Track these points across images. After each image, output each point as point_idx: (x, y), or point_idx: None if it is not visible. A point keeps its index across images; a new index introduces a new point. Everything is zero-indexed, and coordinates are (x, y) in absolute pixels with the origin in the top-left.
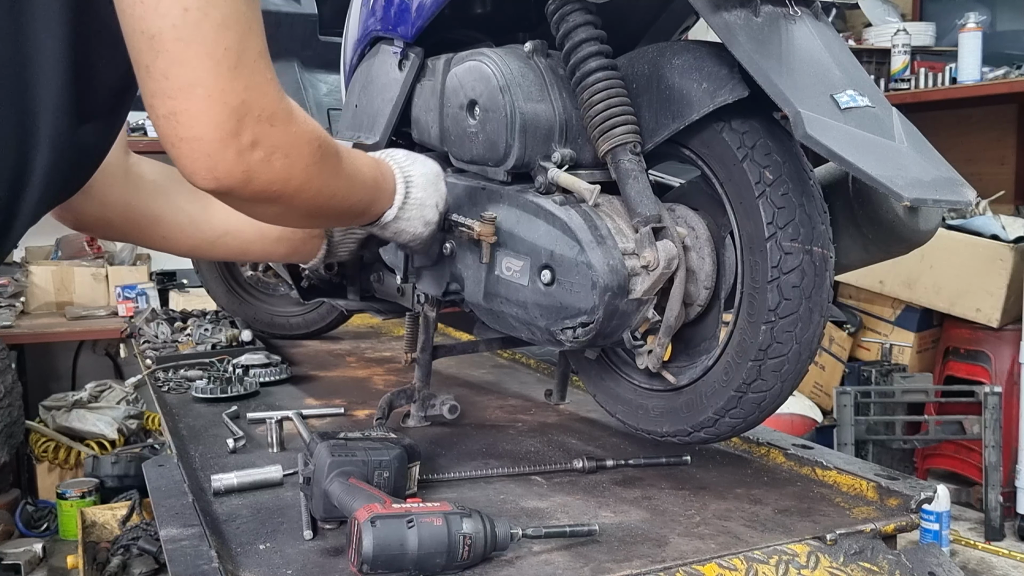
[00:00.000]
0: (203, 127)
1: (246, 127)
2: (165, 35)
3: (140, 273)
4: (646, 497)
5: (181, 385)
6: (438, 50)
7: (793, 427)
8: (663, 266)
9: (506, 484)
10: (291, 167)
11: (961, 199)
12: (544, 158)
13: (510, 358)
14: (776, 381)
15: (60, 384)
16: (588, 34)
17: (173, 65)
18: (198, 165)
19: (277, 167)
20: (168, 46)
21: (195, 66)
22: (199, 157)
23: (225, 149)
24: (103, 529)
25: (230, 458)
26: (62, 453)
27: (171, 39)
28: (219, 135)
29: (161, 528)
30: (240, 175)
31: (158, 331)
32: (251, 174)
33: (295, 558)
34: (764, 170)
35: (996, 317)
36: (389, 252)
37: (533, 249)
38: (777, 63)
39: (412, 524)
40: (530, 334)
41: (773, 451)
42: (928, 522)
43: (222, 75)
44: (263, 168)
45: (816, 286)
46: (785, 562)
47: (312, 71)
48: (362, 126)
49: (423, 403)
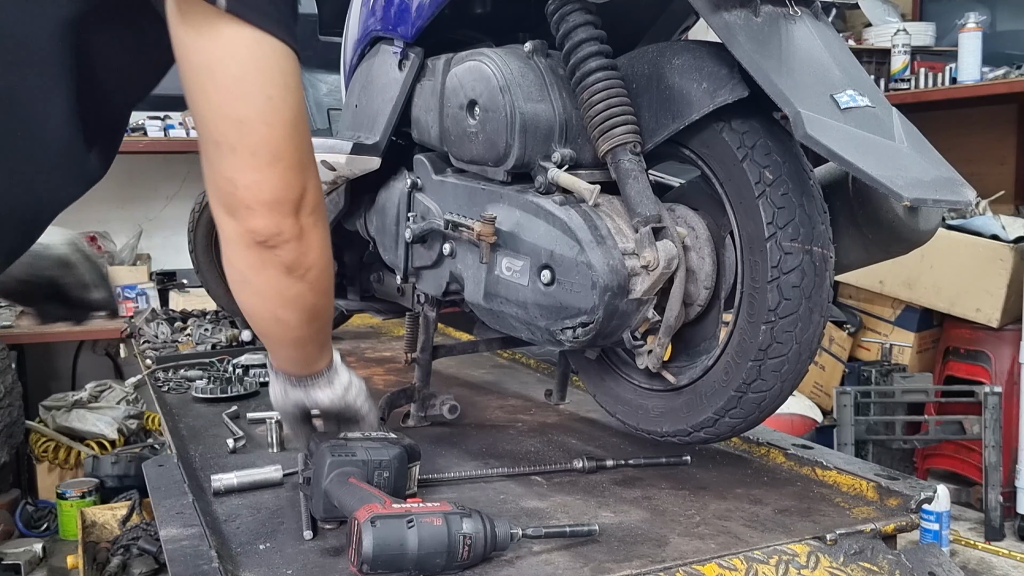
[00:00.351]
0: (281, 192)
1: (307, 199)
2: (253, 120)
3: (140, 273)
4: (646, 497)
5: (181, 385)
6: (438, 50)
7: (793, 427)
8: (663, 266)
9: (506, 484)
10: (322, 246)
11: (961, 199)
12: (544, 158)
13: (510, 358)
14: (776, 381)
15: (60, 384)
16: (588, 34)
17: (262, 144)
18: (266, 221)
19: (321, 235)
20: (257, 128)
21: (279, 145)
22: (268, 215)
23: (293, 208)
24: (103, 529)
25: (230, 458)
26: (62, 453)
27: (259, 123)
28: (292, 196)
29: (161, 528)
30: (297, 231)
31: (158, 331)
32: (304, 233)
33: (295, 558)
34: (764, 170)
35: (996, 317)
36: (389, 252)
37: (533, 249)
38: (777, 63)
39: (412, 524)
40: (530, 334)
41: (773, 451)
42: (928, 522)
43: (297, 157)
44: (312, 232)
45: (816, 286)
46: (785, 562)
47: (312, 71)
48: (362, 126)
49: (423, 403)
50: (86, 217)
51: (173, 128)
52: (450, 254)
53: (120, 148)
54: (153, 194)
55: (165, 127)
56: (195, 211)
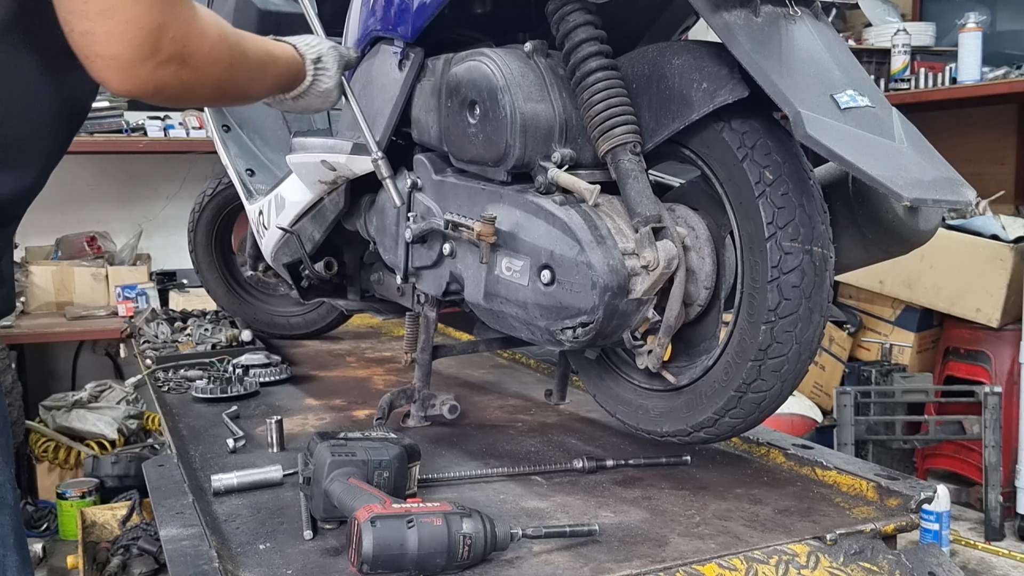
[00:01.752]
0: (119, 47)
1: (161, 48)
2: None
3: (140, 273)
4: (646, 497)
5: (181, 385)
6: (438, 50)
7: (793, 427)
8: (663, 266)
9: (506, 484)
10: (200, 79)
11: (961, 199)
12: (544, 158)
13: (510, 358)
14: (776, 381)
15: (60, 384)
16: (588, 34)
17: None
18: (112, 79)
19: (187, 78)
20: None
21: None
22: (113, 73)
23: (139, 67)
24: (103, 529)
25: (230, 458)
26: (62, 453)
27: None
28: (134, 56)
29: (161, 528)
30: (152, 88)
31: (158, 331)
32: (162, 87)
33: (295, 558)
34: (764, 170)
35: (996, 317)
36: (389, 252)
37: (533, 249)
38: (777, 63)
39: (412, 524)
40: (530, 334)
41: (773, 451)
42: (928, 522)
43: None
44: (174, 81)
45: (816, 286)
46: (785, 562)
47: None
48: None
49: (423, 403)
50: (86, 217)
51: (173, 128)
52: (450, 254)
53: (120, 148)
54: (153, 194)
55: (165, 127)
56: (195, 211)
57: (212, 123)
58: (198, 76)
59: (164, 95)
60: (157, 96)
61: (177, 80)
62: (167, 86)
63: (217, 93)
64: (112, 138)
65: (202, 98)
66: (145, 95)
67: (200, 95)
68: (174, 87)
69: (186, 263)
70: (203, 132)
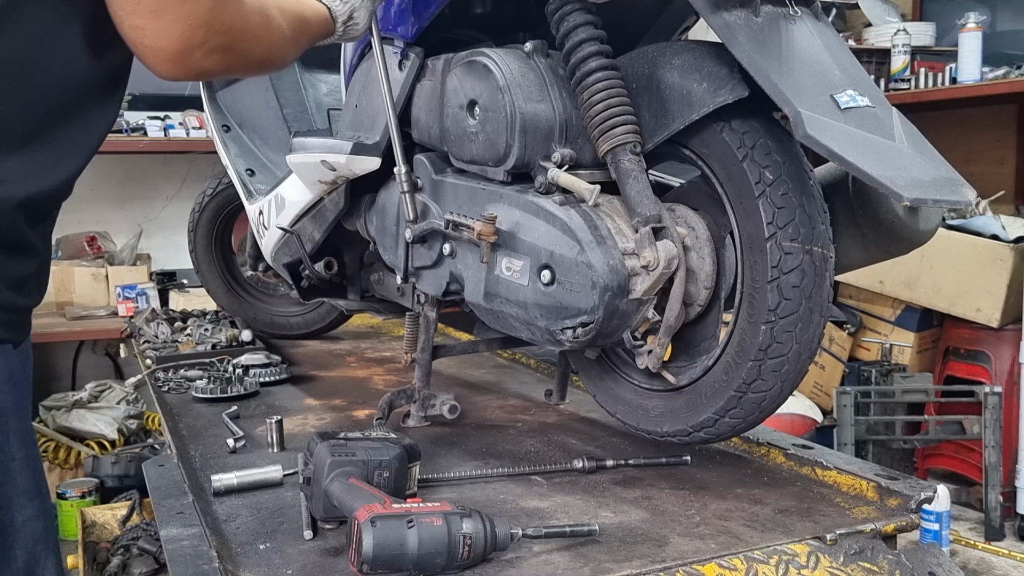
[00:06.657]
0: (167, 41)
1: (208, 41)
2: None
3: (140, 273)
4: (646, 497)
5: (181, 385)
6: (438, 50)
7: (793, 427)
8: (663, 266)
9: (506, 484)
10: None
11: (961, 199)
12: (544, 158)
13: (510, 358)
14: (776, 381)
15: (60, 384)
16: (588, 34)
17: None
18: (159, 67)
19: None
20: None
21: None
22: (160, 61)
23: (187, 58)
24: (103, 529)
25: (230, 458)
26: (62, 453)
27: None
28: (182, 47)
29: (161, 528)
30: (195, 74)
31: (158, 331)
32: (206, 72)
33: (295, 558)
34: (764, 170)
35: (996, 317)
36: (389, 252)
37: (533, 249)
38: (777, 63)
39: (412, 524)
40: (530, 334)
41: (773, 451)
42: (928, 522)
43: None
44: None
45: (816, 286)
46: (785, 562)
47: (312, 71)
48: (362, 126)
49: (423, 403)
50: (86, 217)
51: (173, 128)
52: (450, 254)
53: (120, 148)
54: (153, 194)
55: (165, 127)
56: (195, 211)
57: (212, 123)
58: (240, 59)
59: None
60: (200, 78)
61: (221, 66)
62: (211, 71)
63: (255, 69)
64: (112, 138)
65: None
66: (189, 79)
67: (239, 72)
68: (218, 71)
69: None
70: (203, 132)
